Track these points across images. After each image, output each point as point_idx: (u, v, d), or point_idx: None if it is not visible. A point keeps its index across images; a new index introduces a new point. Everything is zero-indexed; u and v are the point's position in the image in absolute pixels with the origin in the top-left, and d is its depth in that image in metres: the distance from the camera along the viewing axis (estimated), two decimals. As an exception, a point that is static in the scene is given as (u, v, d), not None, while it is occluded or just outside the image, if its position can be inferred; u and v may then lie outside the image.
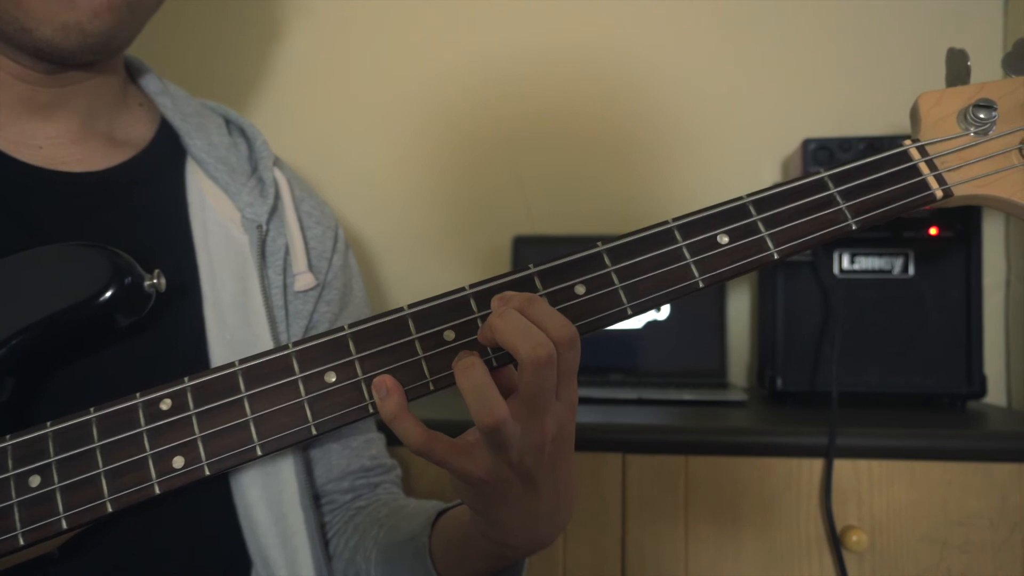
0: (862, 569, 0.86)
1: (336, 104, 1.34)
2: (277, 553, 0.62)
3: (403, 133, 1.32)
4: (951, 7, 1.22)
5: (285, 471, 0.63)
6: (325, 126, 1.34)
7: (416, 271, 1.32)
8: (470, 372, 0.44)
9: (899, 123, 1.17)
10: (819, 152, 1.08)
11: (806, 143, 1.08)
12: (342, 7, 1.33)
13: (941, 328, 1.04)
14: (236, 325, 0.63)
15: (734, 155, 1.27)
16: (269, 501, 0.62)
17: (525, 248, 1.23)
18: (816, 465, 0.87)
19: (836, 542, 0.86)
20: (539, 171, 1.30)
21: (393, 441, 0.84)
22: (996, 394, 1.18)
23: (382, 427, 0.77)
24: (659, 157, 1.28)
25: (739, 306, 1.26)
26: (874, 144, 1.07)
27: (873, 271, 1.05)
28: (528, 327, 0.44)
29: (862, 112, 1.23)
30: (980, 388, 1.03)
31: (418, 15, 1.32)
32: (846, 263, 1.06)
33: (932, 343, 1.04)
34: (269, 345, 0.63)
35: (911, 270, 1.05)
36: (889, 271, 1.05)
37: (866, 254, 1.05)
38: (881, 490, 0.87)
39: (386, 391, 0.46)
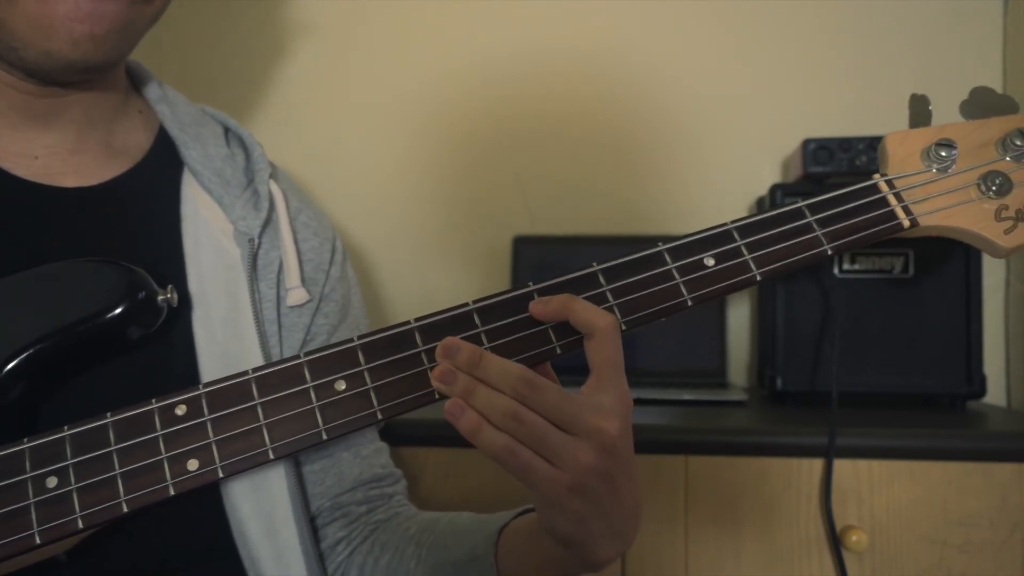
0: (862, 569, 0.86)
1: (336, 105, 1.34)
2: (270, 567, 0.61)
3: (403, 133, 1.32)
4: (951, 7, 1.22)
5: (276, 487, 0.63)
6: (325, 127, 1.34)
7: (416, 271, 1.32)
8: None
9: (899, 123, 1.17)
10: (819, 152, 1.08)
11: (806, 143, 1.08)
12: (342, 9, 1.33)
13: (941, 328, 1.04)
14: (226, 339, 0.63)
15: (734, 155, 1.27)
16: (260, 516, 0.62)
17: (525, 248, 1.23)
18: (816, 465, 0.87)
19: (836, 542, 0.86)
20: (539, 171, 1.30)
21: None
22: (996, 394, 1.18)
23: (385, 436, 0.77)
24: (659, 157, 1.28)
25: (739, 306, 1.26)
26: (874, 144, 1.07)
27: (873, 271, 1.05)
28: (591, 306, 0.50)
29: (862, 112, 1.23)
30: (980, 388, 1.03)
31: (418, 16, 1.32)
32: (846, 263, 1.06)
33: (932, 343, 1.04)
34: (259, 360, 0.63)
35: (911, 270, 1.05)
36: (889, 271, 1.05)
37: (866, 254, 1.05)
38: (881, 490, 0.87)
39: (460, 410, 0.46)
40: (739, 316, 1.26)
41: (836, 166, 1.07)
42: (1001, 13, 1.22)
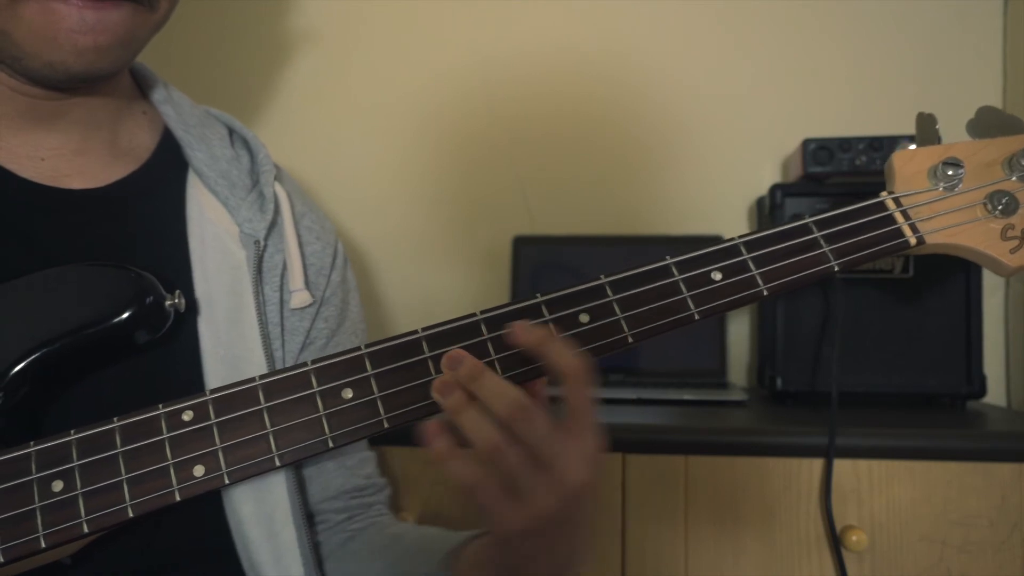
0: (862, 569, 0.86)
1: (337, 107, 1.34)
2: (270, 570, 0.62)
3: (405, 134, 1.32)
4: (951, 7, 1.22)
5: (277, 490, 0.63)
6: (326, 128, 1.34)
7: (417, 271, 1.32)
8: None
9: (899, 123, 1.17)
10: (819, 152, 1.08)
11: (806, 143, 1.08)
12: (343, 10, 1.33)
13: (941, 328, 1.04)
14: (230, 341, 0.63)
15: (734, 155, 1.27)
16: (260, 518, 0.62)
17: (525, 248, 1.23)
18: (816, 465, 0.87)
19: (836, 542, 0.86)
20: (539, 171, 1.30)
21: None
22: (996, 394, 1.18)
23: (375, 445, 0.78)
24: (659, 157, 1.28)
25: (739, 306, 1.26)
26: (874, 144, 1.07)
27: (873, 271, 1.05)
28: (563, 351, 0.48)
29: (862, 112, 1.24)
30: (980, 388, 1.03)
31: (419, 17, 1.32)
32: (846, 263, 1.06)
33: (932, 343, 1.04)
34: (262, 362, 0.63)
35: (911, 270, 1.05)
36: (889, 271, 1.05)
37: (866, 254, 1.05)
38: (881, 490, 0.87)
39: (435, 436, 0.47)
40: (739, 316, 1.26)
41: (836, 166, 1.07)
42: (1001, 13, 1.22)
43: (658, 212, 1.28)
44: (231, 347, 0.63)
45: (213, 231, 0.65)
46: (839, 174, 1.08)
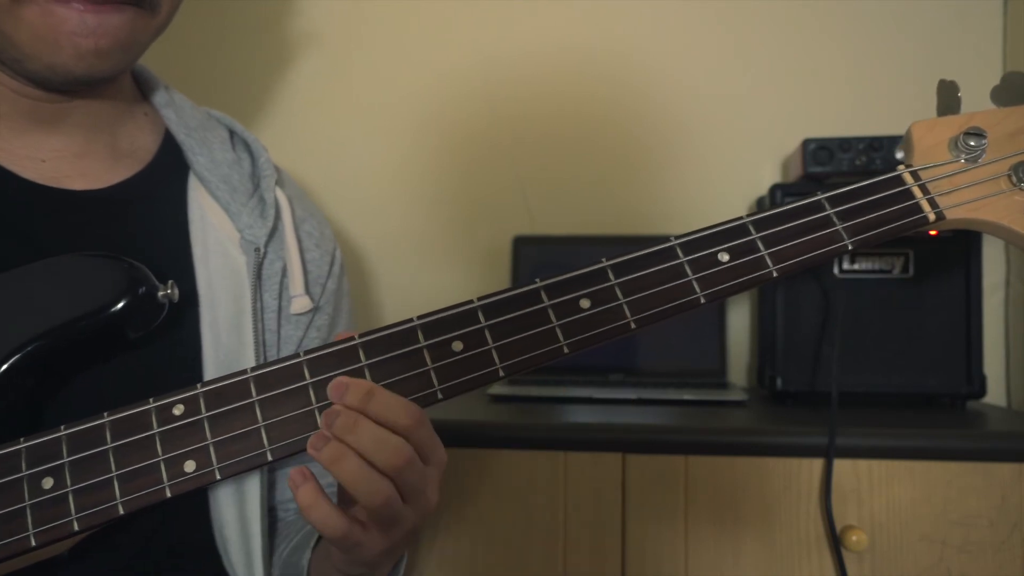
0: (862, 569, 0.86)
1: (338, 107, 1.34)
2: (242, 571, 0.63)
3: (405, 134, 1.32)
4: (951, 7, 1.22)
5: (252, 493, 0.63)
6: (328, 129, 1.34)
7: (417, 271, 1.32)
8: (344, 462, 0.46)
9: (899, 123, 1.17)
10: (819, 152, 1.08)
11: (806, 143, 1.08)
12: (345, 10, 1.33)
13: (941, 328, 1.04)
14: (230, 346, 0.63)
15: (734, 155, 1.27)
16: (239, 520, 0.63)
17: (525, 248, 1.23)
18: (816, 465, 0.87)
19: (836, 542, 0.86)
20: (539, 171, 1.30)
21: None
22: (996, 394, 1.18)
23: None
24: (659, 157, 1.28)
25: (739, 306, 1.26)
26: (874, 144, 1.07)
27: (873, 271, 1.05)
28: (369, 474, 0.45)
29: (862, 112, 1.23)
30: (980, 388, 1.03)
31: (420, 17, 1.32)
32: (846, 263, 1.06)
33: (932, 343, 1.04)
34: None
35: (911, 270, 1.05)
36: (889, 271, 1.05)
37: (866, 254, 1.05)
38: (881, 490, 0.86)
39: (302, 479, 0.46)
40: (739, 316, 1.26)
41: (836, 166, 1.07)
42: (1001, 13, 1.22)
43: (658, 212, 1.28)
44: (229, 350, 0.63)
45: (215, 235, 0.66)
46: (839, 174, 1.08)
